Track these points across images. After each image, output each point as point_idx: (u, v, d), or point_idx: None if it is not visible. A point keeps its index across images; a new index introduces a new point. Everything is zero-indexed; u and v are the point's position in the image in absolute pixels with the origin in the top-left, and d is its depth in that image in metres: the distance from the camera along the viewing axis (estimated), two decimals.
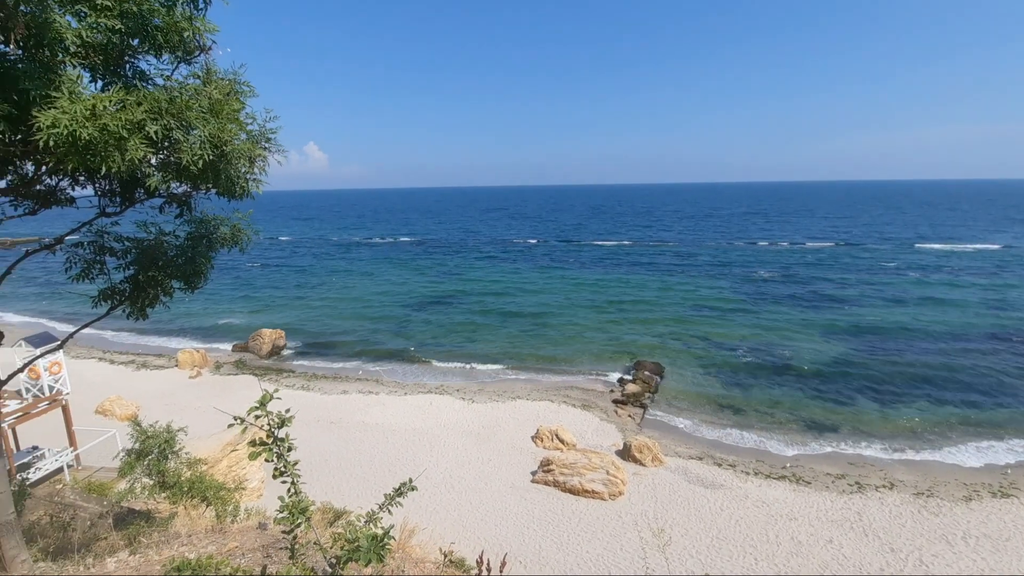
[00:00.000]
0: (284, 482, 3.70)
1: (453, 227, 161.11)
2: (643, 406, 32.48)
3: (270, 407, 3.77)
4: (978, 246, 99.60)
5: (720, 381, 36.38)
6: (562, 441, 26.88)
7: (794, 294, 61.67)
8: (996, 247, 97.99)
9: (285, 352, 43.68)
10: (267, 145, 6.92)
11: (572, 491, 22.59)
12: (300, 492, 3.67)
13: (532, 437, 27.74)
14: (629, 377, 36.82)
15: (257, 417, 3.55)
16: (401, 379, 37.55)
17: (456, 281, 72.79)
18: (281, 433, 3.70)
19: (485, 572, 6.46)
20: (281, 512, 3.56)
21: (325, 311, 57.19)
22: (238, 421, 3.49)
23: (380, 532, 3.31)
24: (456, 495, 22.56)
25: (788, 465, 25.63)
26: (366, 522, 3.72)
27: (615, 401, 33.25)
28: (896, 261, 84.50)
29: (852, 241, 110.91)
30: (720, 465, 25.47)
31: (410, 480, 3.98)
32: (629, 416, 31.30)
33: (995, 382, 35.05)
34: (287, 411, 3.70)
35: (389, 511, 3.89)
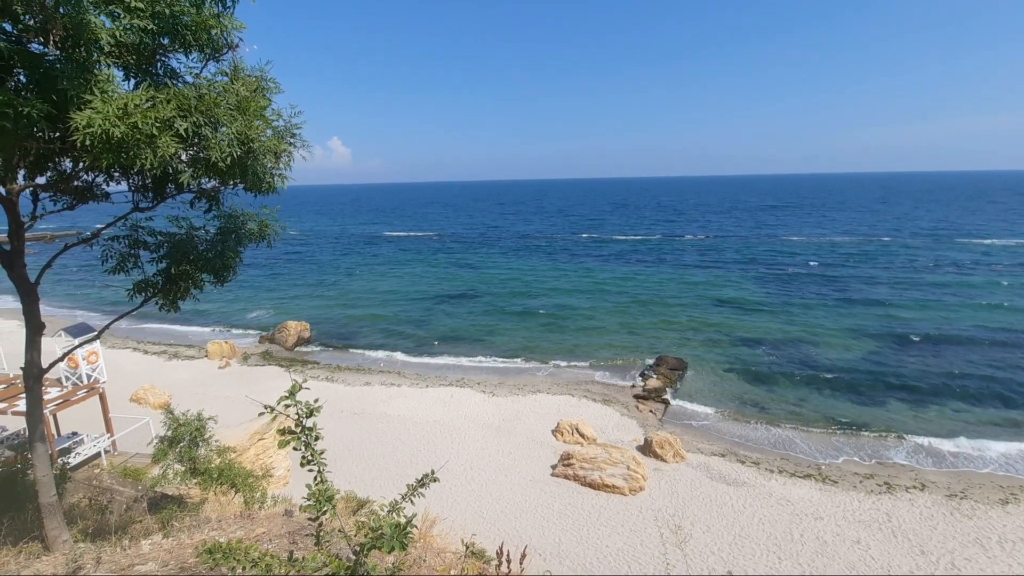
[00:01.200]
0: (311, 470, 3.80)
1: (474, 222, 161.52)
2: (665, 401, 32.21)
3: (299, 397, 3.87)
4: (1018, 239, 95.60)
5: (744, 378, 35.82)
6: (582, 435, 26.86)
7: (822, 290, 60.21)
8: None
9: (310, 344, 44.52)
10: (292, 140, 7.04)
11: (592, 485, 22.58)
12: (326, 480, 3.76)
13: (552, 431, 27.78)
14: (651, 372, 36.53)
15: (287, 406, 3.65)
16: (423, 372, 37.96)
17: (477, 276, 73.10)
18: (309, 423, 3.79)
19: (505, 564, 6.52)
20: (308, 499, 3.66)
21: (348, 304, 58.11)
22: (269, 410, 3.59)
23: (403, 521, 3.38)
24: (476, 487, 22.76)
25: (814, 464, 25.18)
26: (389, 511, 3.80)
27: (636, 396, 33.04)
28: (931, 256, 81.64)
29: (884, 235, 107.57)
30: (743, 463, 25.14)
31: (432, 472, 4.05)
32: (650, 411, 31.09)
33: None
34: (315, 401, 3.79)
35: (412, 501, 3.96)
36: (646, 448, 25.64)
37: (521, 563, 7.00)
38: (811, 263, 77.53)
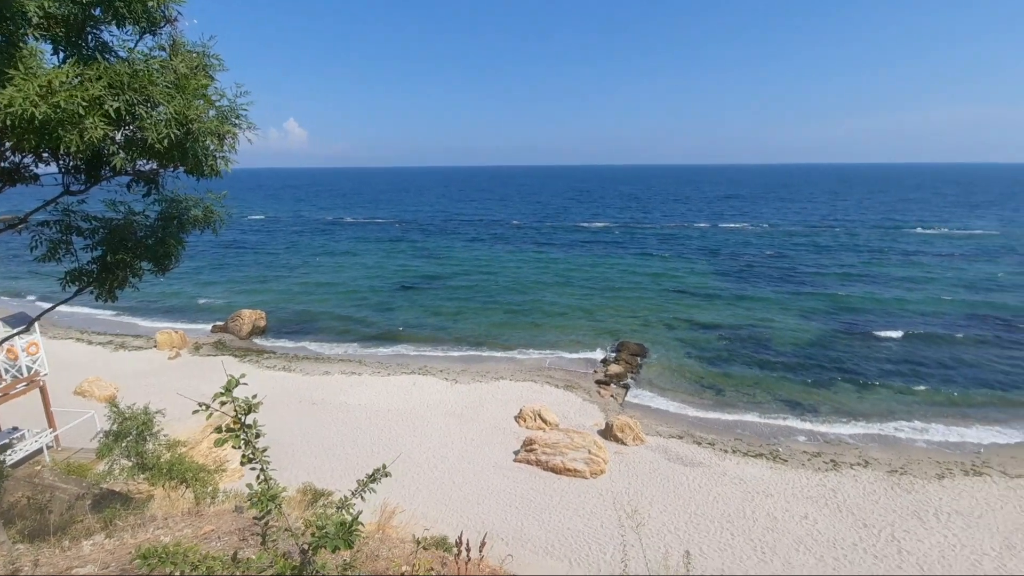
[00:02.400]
0: (253, 468, 3.66)
1: (437, 208, 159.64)
2: (626, 386, 32.90)
3: (239, 392, 3.70)
4: (958, 230, 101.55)
5: (702, 361, 36.93)
6: (545, 421, 27.17)
7: (776, 276, 62.49)
8: (977, 232, 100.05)
9: (266, 333, 43.27)
10: (237, 122, 6.68)
11: (554, 470, 22.93)
12: (270, 479, 3.63)
13: (515, 417, 27.99)
14: (612, 358, 37.20)
15: (223, 403, 3.48)
16: (384, 360, 37.50)
17: (440, 262, 72.47)
18: (249, 419, 3.63)
19: (465, 552, 6.52)
20: (250, 500, 3.52)
21: (306, 292, 56.69)
22: (203, 407, 3.41)
23: (349, 519, 3.29)
24: (439, 474, 22.76)
25: (766, 443, 26.27)
26: (337, 508, 3.70)
27: (598, 381, 33.61)
28: (878, 245, 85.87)
29: (835, 225, 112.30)
30: (700, 444, 25.99)
31: (384, 466, 3.95)
32: (612, 396, 31.70)
33: (971, 364, 36.06)
34: (254, 396, 3.63)
35: (362, 497, 3.87)
36: (607, 432, 26.17)
37: (481, 550, 7.02)
38: (766, 252, 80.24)
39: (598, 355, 38.16)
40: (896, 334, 41.66)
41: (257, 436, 3.62)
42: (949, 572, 17.17)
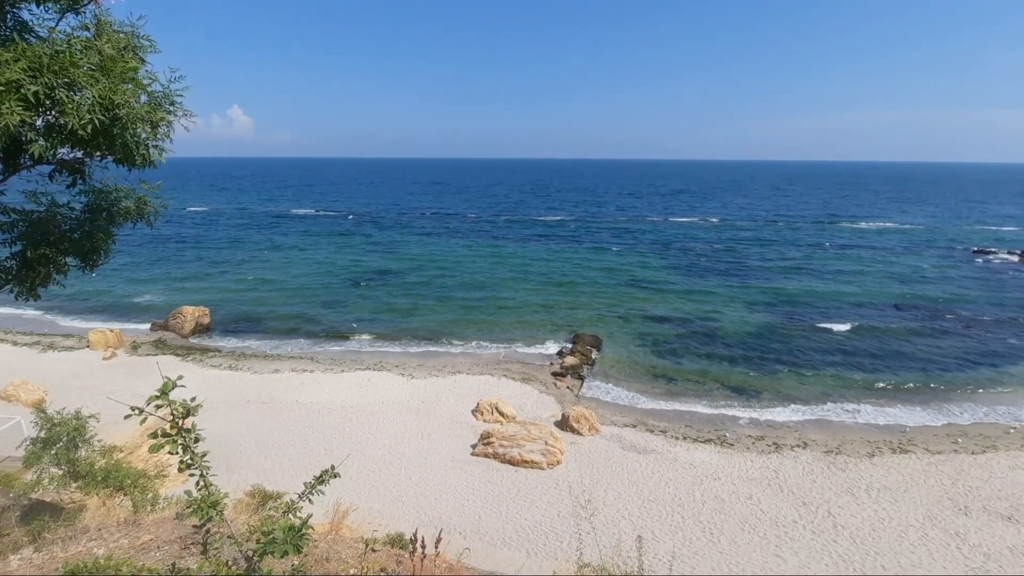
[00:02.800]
0: (192, 475, 3.48)
1: (390, 200, 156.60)
2: (581, 377, 33.44)
3: (178, 394, 3.50)
4: (889, 224, 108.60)
5: (654, 352, 37.99)
6: (502, 414, 27.29)
7: (723, 270, 64.95)
8: (906, 226, 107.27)
9: (210, 331, 41.37)
10: (172, 108, 6.30)
11: (512, 462, 23.08)
12: (211, 485, 3.46)
13: (472, 411, 27.97)
14: (568, 350, 37.71)
15: (158, 407, 3.29)
16: (337, 356, 36.60)
17: (394, 256, 71.25)
18: (187, 423, 3.45)
19: (420, 549, 6.46)
20: (188, 508, 3.35)
21: (254, 287, 54.52)
22: (136, 412, 3.21)
23: (297, 523, 3.18)
24: (396, 471, 22.48)
25: (714, 429, 27.34)
26: (284, 512, 3.58)
27: (554, 373, 34.01)
28: (816, 238, 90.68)
29: (778, 219, 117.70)
30: (652, 432, 26.78)
31: (332, 467, 3.84)
32: (568, 387, 32.16)
33: (899, 351, 38.66)
34: (193, 399, 3.45)
35: (310, 500, 3.75)
36: (563, 423, 26.55)
37: (437, 546, 6.98)
38: (715, 245, 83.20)
39: (554, 348, 38.59)
40: (833, 324, 44.16)
41: (196, 440, 3.44)
42: (877, 542, 18.42)
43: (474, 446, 24.50)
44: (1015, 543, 18.42)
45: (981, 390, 32.02)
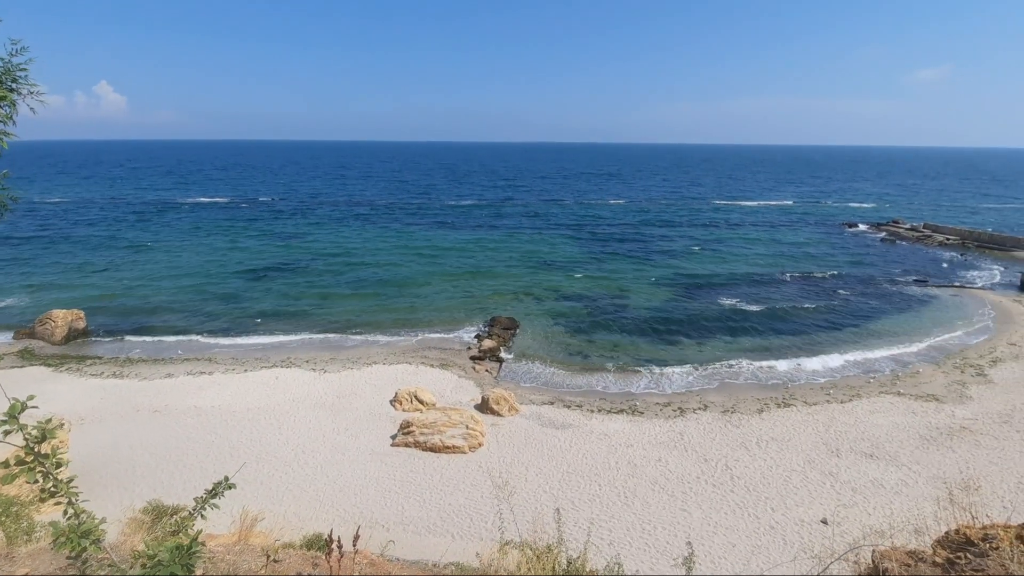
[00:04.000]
0: (59, 503, 3.03)
1: (291, 186, 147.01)
2: (499, 360, 33.82)
3: (45, 410, 3.02)
4: (770, 202, 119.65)
5: (568, 330, 39.25)
6: (421, 402, 26.98)
7: (628, 249, 68.28)
8: (786, 202, 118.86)
9: (87, 336, 36.87)
10: (14, 86, 5.36)
11: (433, 449, 22.94)
12: (82, 512, 3.04)
13: (391, 401, 27.39)
14: (485, 333, 37.93)
15: (7, 433, 2.81)
16: (239, 355, 34.10)
17: (298, 246, 67.23)
18: (47, 447, 2.99)
19: (337, 548, 6.20)
20: (56, 538, 2.92)
21: (138, 285, 49.03)
22: None
23: (186, 542, 2.87)
24: (311, 470, 21.53)
25: (626, 400, 28.89)
26: (174, 531, 3.23)
27: (472, 358, 34.11)
28: (708, 216, 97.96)
29: (677, 200, 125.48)
30: (569, 407, 27.76)
31: (226, 478, 3.51)
32: (487, 371, 32.42)
33: (781, 311, 43.08)
34: (48, 420, 2.99)
35: (202, 515, 3.42)
36: (483, 406, 26.78)
37: (355, 543, 6.74)
38: (621, 225, 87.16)
39: (472, 332, 38.64)
40: (726, 295, 48.10)
41: (58, 466, 2.99)
42: (767, 488, 20.53)
43: (394, 437, 24.05)
44: (876, 477, 21.33)
45: (848, 345, 36.46)
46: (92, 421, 24.92)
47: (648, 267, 58.42)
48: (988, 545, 3.45)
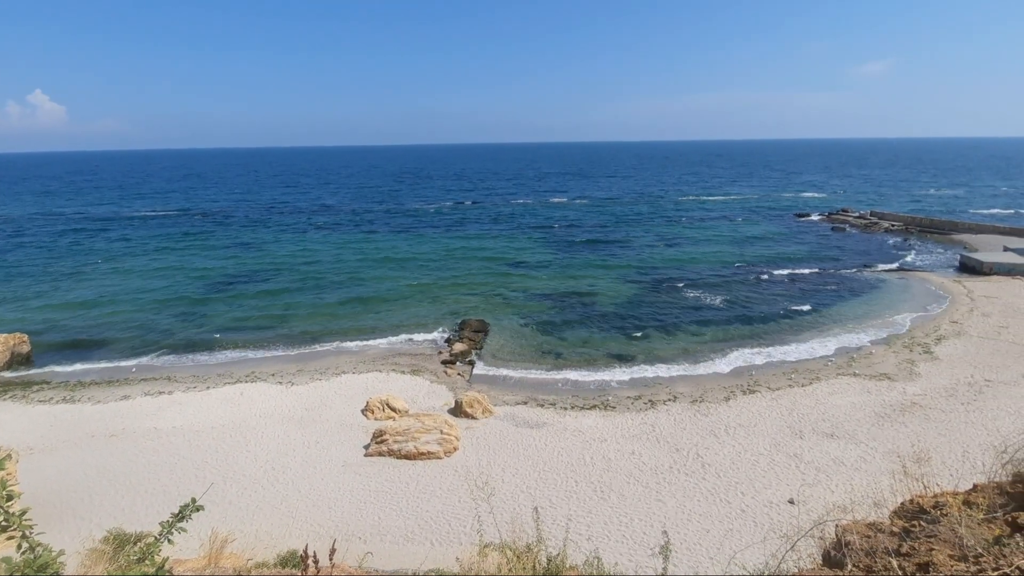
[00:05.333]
0: (11, 537, 2.87)
1: (246, 195, 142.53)
2: (471, 363, 33.72)
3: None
4: (728, 196, 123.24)
5: (538, 330, 39.47)
6: (394, 409, 26.64)
7: (594, 247, 69.24)
8: (742, 196, 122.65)
9: (30, 361, 34.87)
10: None
11: (408, 456, 22.69)
12: (38, 546, 2.89)
13: (362, 411, 26.96)
14: (456, 337, 37.76)
15: None
16: (200, 372, 32.89)
17: (257, 257, 65.25)
18: None
19: (313, 564, 6.07)
20: (10, 574, 2.76)
21: (85, 305, 46.60)
22: None
23: (153, 569, 2.76)
24: (282, 486, 20.97)
25: (598, 395, 29.23)
26: (138, 560, 3.11)
27: (444, 362, 33.90)
28: (671, 212, 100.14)
29: (640, 196, 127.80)
30: (543, 406, 27.91)
31: (193, 500, 3.41)
32: (459, 374, 32.27)
33: (742, 302, 44.44)
34: None
35: (169, 540, 3.30)
36: (457, 410, 26.64)
37: (331, 557, 6.61)
38: (586, 222, 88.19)
39: (442, 336, 38.42)
40: (690, 287, 49.35)
41: (9, 499, 2.84)
42: (737, 473, 21.14)
43: (367, 446, 23.67)
44: (837, 455, 22.26)
45: (806, 330, 37.96)
46: (42, 451, 23.60)
47: (614, 264, 59.31)
48: (939, 512, 3.67)
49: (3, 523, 2.82)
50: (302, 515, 19.25)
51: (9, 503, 2.83)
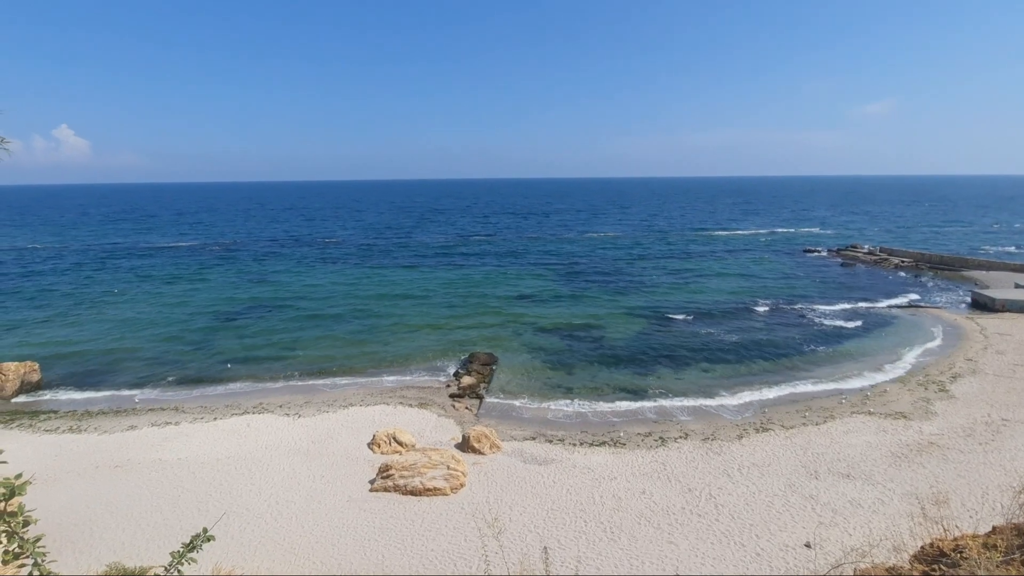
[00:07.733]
0: (23, 565, 2.89)
1: (254, 227, 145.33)
2: (479, 396, 33.41)
3: (5, 470, 2.91)
4: (735, 232, 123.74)
5: (547, 364, 39.17)
6: (400, 443, 26.33)
7: (602, 281, 69.28)
8: (750, 231, 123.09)
9: (41, 389, 35.10)
10: None
11: (414, 492, 22.28)
12: (48, 574, 2.89)
13: (368, 444, 26.66)
14: (464, 370, 37.54)
15: None
16: (208, 403, 32.85)
17: (268, 288, 65.91)
18: (12, 505, 2.87)
19: None
20: None
21: (97, 333, 47.20)
22: None
23: None
24: (285, 522, 20.60)
25: (607, 431, 28.73)
26: None
27: (452, 395, 33.62)
28: (679, 247, 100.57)
29: (648, 232, 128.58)
30: (551, 441, 27.45)
31: (205, 530, 3.40)
32: (467, 408, 31.94)
33: (754, 339, 43.86)
34: (18, 476, 2.88)
35: (179, 572, 3.29)
36: (464, 444, 26.26)
37: None
38: (595, 257, 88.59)
39: (450, 369, 38.23)
40: (700, 322, 48.98)
41: (25, 525, 2.87)
42: (751, 515, 20.50)
43: (372, 481, 23.30)
44: (854, 496, 21.56)
45: (818, 367, 37.37)
46: (45, 481, 23.45)
47: (623, 299, 59.16)
48: (959, 555, 3.57)
49: (17, 550, 2.84)
50: (304, 552, 18.84)
51: (25, 529, 2.86)
